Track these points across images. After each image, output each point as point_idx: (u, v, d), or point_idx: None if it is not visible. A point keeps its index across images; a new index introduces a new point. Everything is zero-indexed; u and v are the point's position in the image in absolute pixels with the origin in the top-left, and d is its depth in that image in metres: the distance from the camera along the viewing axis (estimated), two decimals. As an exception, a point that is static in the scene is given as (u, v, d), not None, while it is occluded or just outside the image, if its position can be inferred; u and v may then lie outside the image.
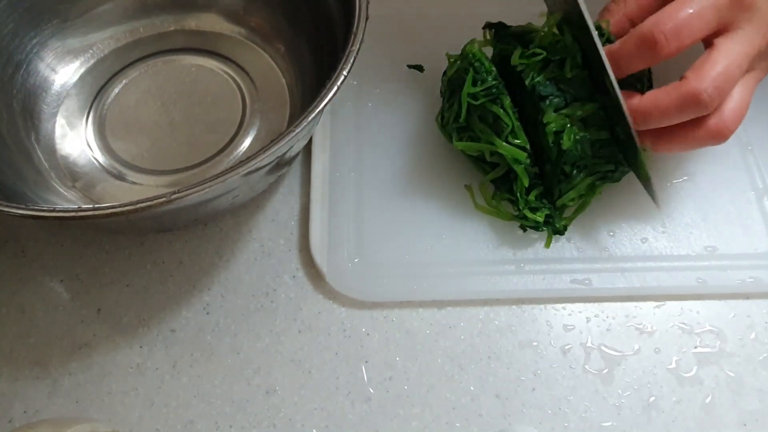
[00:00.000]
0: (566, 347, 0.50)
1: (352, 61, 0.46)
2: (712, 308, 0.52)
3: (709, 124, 0.46)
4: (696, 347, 0.50)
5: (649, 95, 0.47)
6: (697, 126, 0.46)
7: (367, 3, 0.49)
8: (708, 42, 0.47)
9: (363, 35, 0.47)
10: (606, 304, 0.52)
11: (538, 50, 0.51)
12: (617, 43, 0.48)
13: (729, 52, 0.45)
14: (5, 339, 0.51)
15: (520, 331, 0.51)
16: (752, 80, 0.48)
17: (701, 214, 0.55)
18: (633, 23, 0.51)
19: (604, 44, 0.50)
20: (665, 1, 0.49)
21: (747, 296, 0.52)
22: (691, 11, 0.44)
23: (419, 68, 0.61)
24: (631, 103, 0.47)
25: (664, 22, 0.44)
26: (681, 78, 0.46)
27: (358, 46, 0.47)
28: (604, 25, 0.51)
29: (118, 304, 0.52)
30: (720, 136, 0.46)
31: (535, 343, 0.50)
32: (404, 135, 0.58)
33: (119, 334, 0.51)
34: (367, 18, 0.48)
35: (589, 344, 0.50)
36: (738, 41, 0.45)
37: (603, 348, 0.50)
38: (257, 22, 0.63)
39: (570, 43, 0.50)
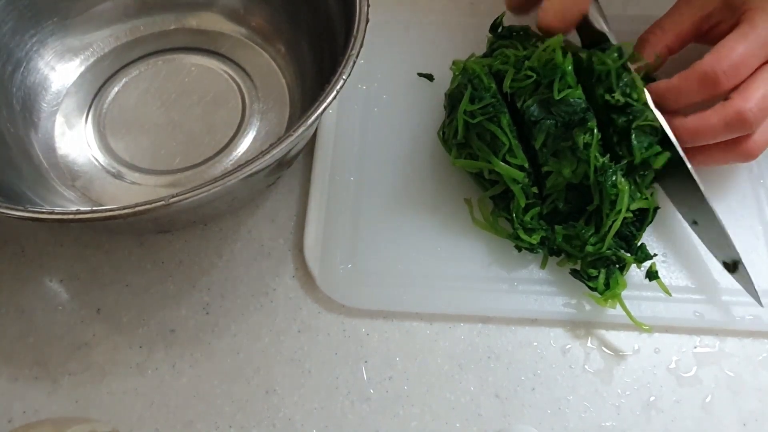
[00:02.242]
0: (566, 347, 0.50)
1: (351, 65, 0.45)
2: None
3: (742, 144, 0.48)
4: (696, 347, 0.50)
5: (696, 115, 0.49)
6: (731, 143, 0.49)
7: (368, 6, 0.48)
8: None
9: (363, 39, 0.47)
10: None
11: (529, 72, 0.50)
12: (676, 79, 0.49)
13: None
14: (5, 339, 0.51)
15: (519, 331, 0.51)
16: None
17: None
18: (671, 52, 0.53)
19: (643, 80, 0.51)
20: (698, 31, 0.52)
21: (745, 334, 0.50)
22: (745, 49, 0.47)
23: (429, 77, 0.61)
24: (677, 123, 0.49)
25: (722, 60, 0.47)
26: (726, 99, 0.48)
27: (358, 50, 0.46)
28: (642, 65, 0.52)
29: (118, 304, 0.52)
30: (750, 155, 0.49)
31: (534, 343, 0.50)
32: (409, 143, 0.58)
33: (119, 334, 0.51)
34: (367, 21, 0.48)
35: (588, 344, 0.50)
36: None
37: (603, 348, 0.50)
38: (258, 21, 0.63)
39: (560, 61, 0.50)
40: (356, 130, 0.58)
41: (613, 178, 0.49)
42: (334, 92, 0.44)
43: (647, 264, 0.52)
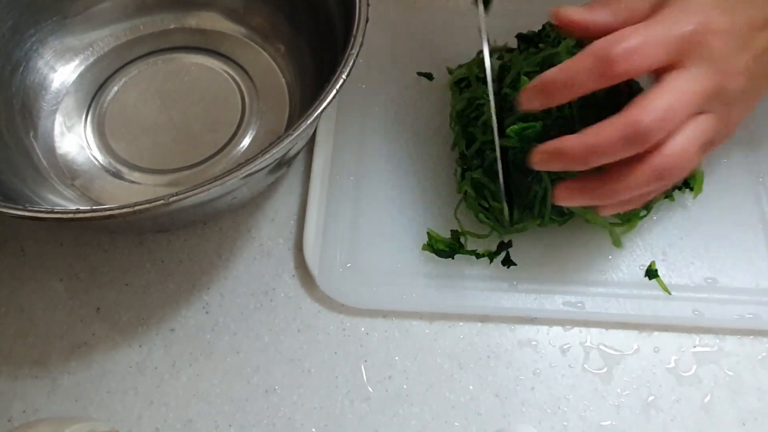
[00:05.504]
0: (565, 346, 0.50)
1: (351, 64, 0.45)
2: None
3: (651, 161, 0.43)
4: (695, 346, 0.50)
5: (590, 129, 0.44)
6: (639, 163, 0.43)
7: (368, 6, 0.48)
8: (658, 77, 0.45)
9: (363, 38, 0.47)
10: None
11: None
12: (569, 60, 0.45)
13: (674, 88, 0.43)
14: (4, 338, 0.51)
15: (519, 330, 0.51)
16: (705, 123, 0.44)
17: (704, 244, 0.53)
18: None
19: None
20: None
21: (744, 333, 0.50)
22: (641, 38, 0.43)
23: (429, 76, 0.61)
24: (567, 142, 0.44)
25: (616, 42, 0.43)
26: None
27: (357, 49, 0.46)
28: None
29: (118, 303, 0.52)
30: (661, 175, 0.43)
31: (534, 342, 0.50)
32: (409, 143, 0.58)
33: (118, 334, 0.51)
34: (367, 20, 0.48)
35: (588, 343, 0.50)
36: (685, 78, 0.43)
37: (602, 347, 0.50)
38: (257, 21, 0.63)
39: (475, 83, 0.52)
40: (356, 130, 0.58)
41: None
42: (334, 92, 0.44)
43: (647, 263, 0.52)
